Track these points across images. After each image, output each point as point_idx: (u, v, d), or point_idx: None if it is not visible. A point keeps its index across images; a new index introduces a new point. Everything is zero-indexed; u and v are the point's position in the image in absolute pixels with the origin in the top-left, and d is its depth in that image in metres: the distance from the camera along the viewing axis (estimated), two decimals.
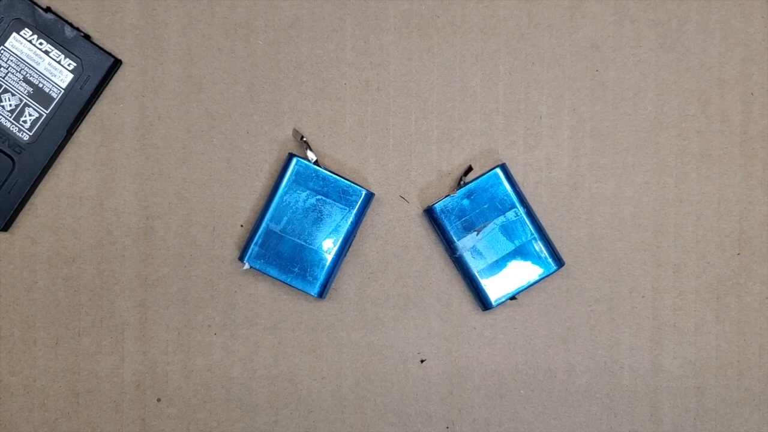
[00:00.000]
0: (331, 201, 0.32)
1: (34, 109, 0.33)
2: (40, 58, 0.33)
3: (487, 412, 0.34)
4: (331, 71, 0.34)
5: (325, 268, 0.32)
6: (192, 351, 0.34)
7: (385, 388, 0.34)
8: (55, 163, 0.34)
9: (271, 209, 0.32)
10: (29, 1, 0.33)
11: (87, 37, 0.33)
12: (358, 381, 0.34)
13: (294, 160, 0.32)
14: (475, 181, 0.33)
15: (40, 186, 0.34)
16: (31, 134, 0.33)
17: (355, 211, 0.32)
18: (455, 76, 0.34)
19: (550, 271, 0.33)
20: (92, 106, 0.33)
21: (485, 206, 0.33)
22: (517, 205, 0.33)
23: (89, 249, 0.34)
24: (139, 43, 0.33)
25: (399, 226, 0.34)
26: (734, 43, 0.34)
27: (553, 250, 0.33)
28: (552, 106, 0.34)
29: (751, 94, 0.34)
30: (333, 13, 0.34)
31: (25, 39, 0.33)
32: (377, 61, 0.34)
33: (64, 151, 0.34)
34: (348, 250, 0.33)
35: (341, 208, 0.32)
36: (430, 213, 0.33)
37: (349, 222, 0.32)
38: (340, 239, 0.32)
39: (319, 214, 0.32)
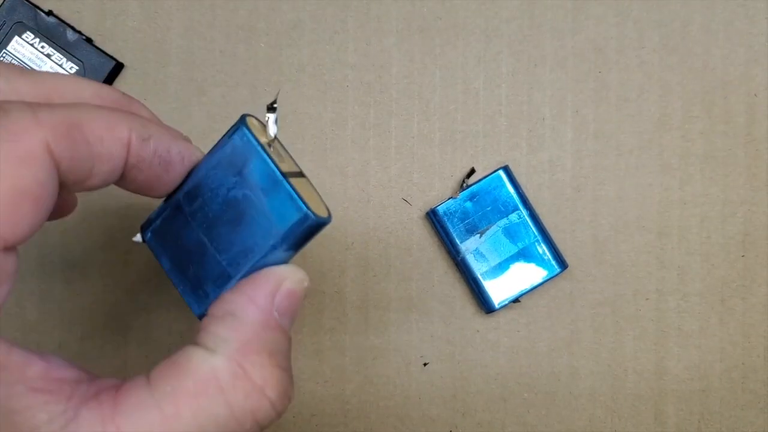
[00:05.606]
0: (262, 206, 0.20)
1: None
2: (42, 61, 0.33)
3: (490, 415, 0.34)
4: (333, 73, 0.34)
5: (222, 289, 0.21)
6: None
7: (388, 391, 0.34)
8: None
9: (189, 180, 0.21)
10: (31, 5, 0.33)
11: (89, 40, 0.33)
12: (361, 384, 0.34)
13: (242, 129, 0.20)
14: (478, 184, 0.33)
15: None
16: None
17: (282, 234, 0.20)
18: (457, 78, 0.34)
19: (554, 274, 0.33)
20: None
21: (488, 208, 0.33)
22: (520, 207, 0.33)
23: (92, 252, 0.34)
24: (141, 46, 0.33)
25: (401, 229, 0.34)
26: (738, 45, 0.34)
27: (556, 252, 0.33)
28: (555, 107, 0.34)
29: (755, 95, 0.34)
30: (335, 15, 0.33)
31: (27, 42, 0.33)
32: (379, 63, 0.34)
33: None
34: None
35: (269, 222, 0.20)
36: (432, 215, 0.33)
37: (268, 246, 0.20)
38: (252, 263, 0.20)
39: (239, 216, 0.20)
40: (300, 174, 0.21)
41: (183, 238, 0.21)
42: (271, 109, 0.21)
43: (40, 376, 0.17)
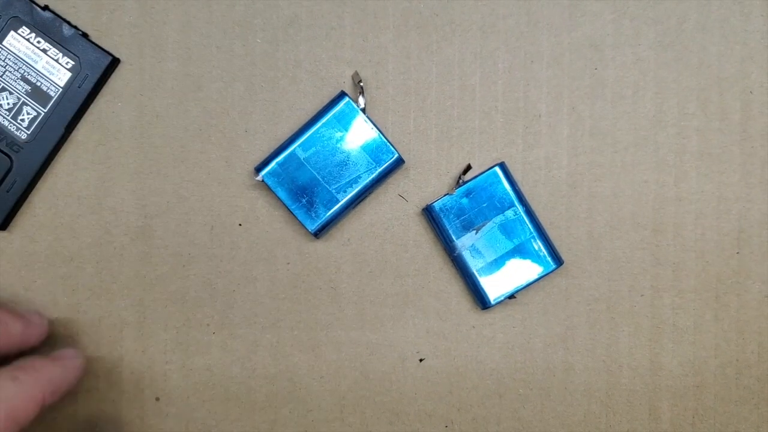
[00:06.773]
0: (361, 151, 0.32)
1: (32, 108, 0.33)
2: (38, 56, 0.33)
3: (485, 410, 0.34)
4: (330, 70, 0.34)
5: (331, 210, 0.32)
6: (191, 350, 0.34)
7: (384, 387, 0.34)
8: (54, 161, 0.33)
9: (303, 136, 0.32)
10: None
11: (85, 35, 0.33)
12: (357, 380, 0.34)
13: (344, 99, 0.32)
14: (474, 180, 0.33)
15: (39, 185, 0.33)
16: (29, 133, 0.33)
17: (380, 169, 0.32)
18: (454, 75, 0.34)
19: (549, 270, 0.33)
20: (90, 104, 0.33)
21: (484, 205, 0.33)
22: (516, 203, 0.33)
23: (87, 248, 0.34)
24: (137, 42, 0.33)
25: (398, 225, 0.34)
26: (733, 42, 0.34)
27: (552, 248, 0.33)
28: (551, 104, 0.34)
29: (750, 92, 0.34)
30: (332, 11, 0.33)
31: (23, 37, 0.32)
32: (376, 60, 0.34)
33: (62, 150, 0.33)
34: (358, 204, 0.33)
35: (368, 162, 0.32)
36: (429, 212, 0.33)
37: (370, 177, 0.32)
38: (356, 190, 0.32)
39: (345, 158, 0.32)
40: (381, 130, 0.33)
41: (298, 176, 0.32)
42: (360, 88, 0.33)
43: None
